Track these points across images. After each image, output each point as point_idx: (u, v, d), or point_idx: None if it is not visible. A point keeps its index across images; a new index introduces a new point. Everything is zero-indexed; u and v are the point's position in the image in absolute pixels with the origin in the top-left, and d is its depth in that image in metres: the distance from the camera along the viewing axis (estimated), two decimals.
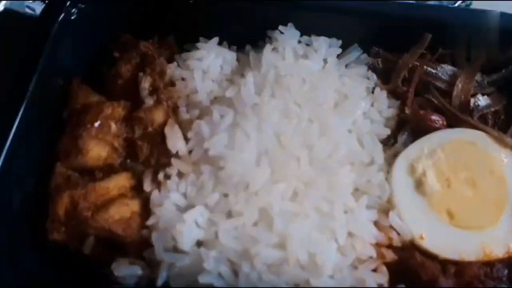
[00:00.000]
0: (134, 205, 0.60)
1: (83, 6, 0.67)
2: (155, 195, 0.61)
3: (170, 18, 0.74)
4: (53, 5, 0.66)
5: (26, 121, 0.58)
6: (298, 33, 0.71)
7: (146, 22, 0.74)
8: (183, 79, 0.69)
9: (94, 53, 0.71)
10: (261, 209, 0.59)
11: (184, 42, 0.75)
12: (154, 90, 0.68)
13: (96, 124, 0.61)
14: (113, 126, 0.63)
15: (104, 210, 0.58)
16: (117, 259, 0.59)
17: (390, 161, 0.66)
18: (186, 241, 0.58)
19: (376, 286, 0.57)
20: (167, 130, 0.64)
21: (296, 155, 0.62)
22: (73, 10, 0.66)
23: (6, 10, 0.72)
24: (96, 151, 0.61)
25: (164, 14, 0.74)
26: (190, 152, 0.64)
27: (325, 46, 0.71)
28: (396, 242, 0.60)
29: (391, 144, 0.68)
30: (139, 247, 0.60)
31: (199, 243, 0.59)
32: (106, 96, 0.69)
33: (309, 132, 0.63)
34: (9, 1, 0.72)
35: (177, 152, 0.63)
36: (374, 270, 0.59)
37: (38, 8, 0.78)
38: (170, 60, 0.72)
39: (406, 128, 0.68)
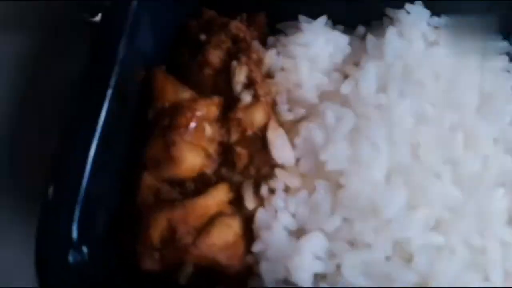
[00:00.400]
0: (236, 226, 0.49)
1: None
2: (261, 214, 0.50)
3: None
4: None
5: (109, 123, 0.46)
6: (427, 13, 0.57)
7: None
8: (283, 69, 0.57)
9: (172, 36, 0.58)
10: (396, 241, 0.48)
11: (275, 20, 0.62)
12: (249, 83, 0.55)
13: (191, 127, 0.50)
14: (208, 129, 0.51)
15: (206, 235, 0.47)
16: None
17: None
18: (304, 275, 0.47)
19: None
20: (271, 135, 0.52)
21: (437, 172, 0.49)
22: None
23: None
24: (191, 159, 0.50)
25: None
26: (296, 161, 0.52)
27: (457, 29, 0.57)
28: None
29: None
30: (242, 275, 0.49)
31: (316, 277, 0.49)
32: (190, 88, 0.56)
33: (452, 142, 0.50)
34: None
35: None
36: None
37: None
38: (261, 43, 0.59)
39: None
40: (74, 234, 0.42)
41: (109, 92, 0.47)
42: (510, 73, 0.57)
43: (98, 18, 0.67)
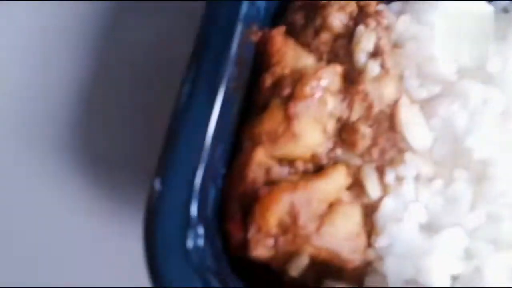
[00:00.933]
0: (357, 215, 0.43)
1: None
2: (387, 205, 0.43)
3: None
4: None
5: (229, 90, 0.40)
6: None
7: None
8: (415, 38, 0.48)
9: None
10: None
11: None
12: (376, 53, 0.47)
13: (315, 99, 0.43)
14: (330, 102, 0.44)
15: (330, 224, 0.41)
16: (328, 283, 0.43)
17: None
18: (439, 276, 0.41)
19: None
20: (404, 114, 0.45)
21: None
22: None
23: None
24: (309, 136, 0.43)
25: None
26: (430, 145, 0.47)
27: None
28: None
29: None
30: (360, 271, 0.43)
31: (452, 278, 0.44)
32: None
33: None
34: None
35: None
36: None
37: None
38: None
39: None
40: (194, 212, 0.37)
41: (232, 53, 0.41)
42: None
43: None
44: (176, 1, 0.62)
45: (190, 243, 0.36)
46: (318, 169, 0.47)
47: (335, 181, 0.44)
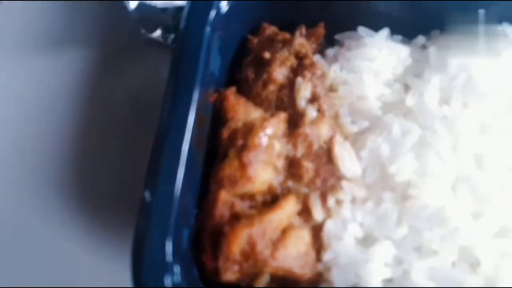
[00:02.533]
0: (306, 236, 0.53)
1: None
2: (329, 225, 0.53)
3: (314, 2, 0.62)
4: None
5: (193, 148, 0.49)
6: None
7: (289, 7, 0.63)
8: (346, 83, 0.58)
9: (236, 54, 0.61)
10: (461, 247, 0.51)
11: (332, 31, 0.64)
12: (314, 98, 0.58)
13: (263, 146, 0.52)
14: (277, 145, 0.54)
15: (283, 247, 0.50)
16: None
17: None
18: (374, 281, 0.51)
19: None
20: (337, 149, 0.55)
21: (501, 181, 0.52)
22: (223, 2, 0.55)
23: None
24: (262, 176, 0.53)
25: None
26: (362, 172, 0.55)
27: None
28: None
29: None
30: (313, 283, 0.53)
31: (384, 282, 0.52)
32: (254, 104, 0.58)
33: None
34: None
35: None
36: None
37: None
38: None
39: None
40: (169, 255, 0.45)
41: (191, 117, 0.50)
42: None
43: (156, 34, 0.70)
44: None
45: (168, 283, 0.45)
46: (274, 198, 0.57)
47: (287, 210, 0.54)
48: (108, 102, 0.71)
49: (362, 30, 0.60)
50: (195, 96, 0.50)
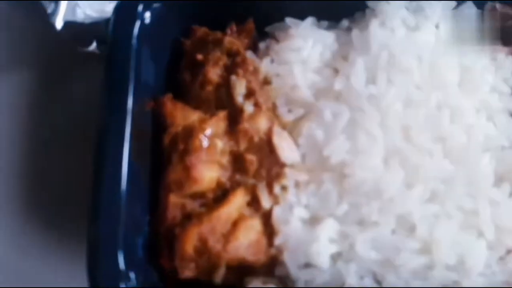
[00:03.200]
0: (257, 225, 0.55)
1: (156, 5, 0.56)
2: (277, 211, 0.56)
3: None
4: (124, 11, 0.55)
5: (134, 161, 0.51)
6: None
7: (217, 7, 0.64)
8: (278, 75, 0.61)
9: (170, 59, 0.62)
10: (398, 216, 0.54)
11: (263, 23, 0.65)
12: (249, 93, 0.60)
13: (205, 147, 0.54)
14: (219, 143, 0.57)
15: (234, 239, 0.53)
16: (248, 280, 0.55)
17: None
18: (322, 258, 0.54)
19: None
20: (275, 139, 0.57)
21: (428, 150, 0.55)
22: (147, 13, 0.56)
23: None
24: (208, 175, 0.55)
25: None
26: (302, 158, 0.58)
27: (437, 11, 0.60)
28: None
29: None
30: (268, 265, 0.56)
31: (333, 257, 0.55)
32: (194, 106, 0.60)
33: (439, 120, 0.56)
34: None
35: None
36: None
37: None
38: (253, 51, 0.63)
39: None
40: (122, 265, 0.48)
41: (128, 130, 0.52)
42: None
43: (92, 47, 0.70)
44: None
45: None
46: (225, 192, 0.59)
47: (235, 204, 0.56)
48: (53, 118, 0.70)
49: (289, 20, 0.62)
50: (129, 108, 0.52)
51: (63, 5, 0.65)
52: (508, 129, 0.57)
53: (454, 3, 0.61)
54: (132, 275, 0.49)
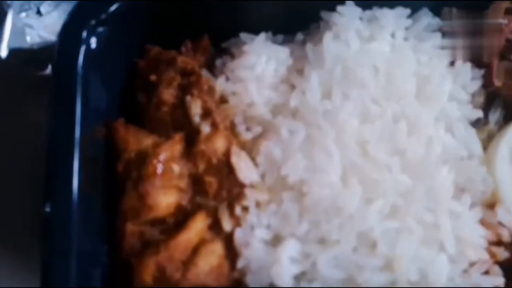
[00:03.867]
0: (218, 249, 0.54)
1: (101, 30, 0.53)
2: (238, 233, 0.54)
3: (198, 12, 0.60)
4: (68, 36, 0.52)
5: (85, 190, 0.49)
6: (358, 10, 0.58)
7: (171, 24, 0.61)
8: (234, 93, 0.58)
9: (124, 81, 0.59)
10: (359, 233, 0.53)
11: (219, 38, 0.63)
12: (206, 113, 0.57)
13: (159, 173, 0.52)
14: (175, 167, 0.55)
15: (193, 266, 0.52)
16: None
17: (485, 145, 0.58)
18: (285, 279, 0.52)
19: None
20: (234, 160, 0.55)
21: (386, 164, 0.54)
22: (92, 38, 0.53)
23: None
24: (165, 201, 0.53)
25: (190, 10, 0.61)
26: (262, 176, 0.56)
27: (392, 20, 0.58)
28: (507, 238, 0.54)
29: (482, 125, 0.59)
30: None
31: (296, 277, 0.54)
32: (151, 128, 0.58)
33: (396, 133, 0.54)
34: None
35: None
36: (486, 272, 0.55)
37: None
38: (210, 68, 0.61)
39: (497, 104, 0.59)
40: None
41: (76, 160, 0.49)
42: (444, 50, 0.59)
43: (48, 71, 0.67)
44: None
45: None
46: (186, 216, 0.56)
47: (195, 229, 0.54)
48: (5, 144, 0.68)
49: (243, 36, 0.60)
50: (77, 137, 0.49)
51: (6, 32, 0.62)
52: (467, 138, 0.56)
53: (408, 11, 0.59)
54: None
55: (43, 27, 0.63)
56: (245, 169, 0.55)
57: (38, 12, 0.67)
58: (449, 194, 0.54)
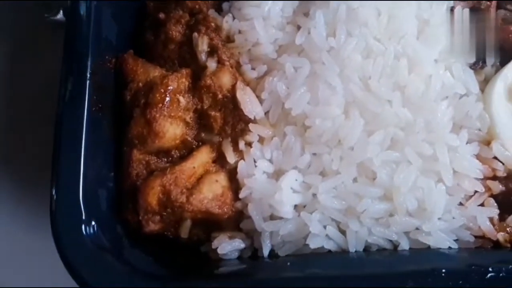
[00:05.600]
0: (222, 180, 0.53)
1: None
2: (241, 166, 0.54)
3: None
4: None
5: (94, 112, 0.49)
6: None
7: None
8: (240, 31, 0.58)
9: (134, 19, 0.59)
10: (359, 164, 0.53)
11: None
12: (212, 50, 0.57)
13: (166, 102, 0.52)
14: (182, 100, 0.54)
15: (198, 192, 0.51)
16: (215, 235, 0.53)
17: (482, 87, 0.57)
18: (286, 208, 0.52)
19: (487, 221, 0.51)
20: (239, 95, 0.55)
21: (387, 99, 0.53)
22: None
23: None
24: (171, 131, 0.53)
25: None
26: (266, 113, 0.56)
27: None
28: (501, 172, 0.54)
29: (480, 68, 0.58)
30: (235, 220, 0.54)
31: (297, 208, 0.53)
32: (158, 65, 0.57)
33: (398, 70, 0.54)
34: None
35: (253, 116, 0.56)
36: (482, 205, 0.54)
37: None
38: (217, 10, 0.60)
39: (492, 48, 0.58)
40: (82, 212, 0.45)
41: (87, 86, 0.49)
42: None
43: (59, 16, 0.67)
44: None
45: (85, 233, 0.45)
46: (190, 152, 0.56)
47: (200, 159, 0.54)
48: (24, 84, 0.67)
49: None
50: (89, 63, 0.49)
51: None
52: (465, 78, 0.55)
53: None
54: (93, 223, 0.46)
55: None
56: (250, 104, 0.54)
57: None
58: (447, 128, 0.53)
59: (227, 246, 0.52)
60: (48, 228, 0.47)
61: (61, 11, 0.67)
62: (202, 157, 0.53)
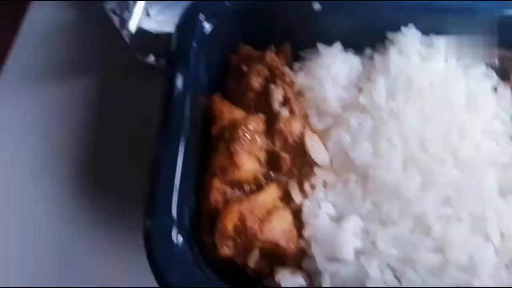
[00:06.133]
0: (288, 216, 0.54)
1: (216, 20, 0.60)
2: (307, 206, 0.55)
3: (283, 24, 0.66)
4: (187, 20, 0.59)
5: (187, 143, 0.52)
6: (418, 33, 0.63)
7: (260, 31, 0.68)
8: (310, 88, 0.62)
9: (220, 69, 0.64)
10: (415, 216, 0.53)
11: (297, 49, 0.68)
12: (285, 101, 0.60)
13: (246, 139, 0.55)
14: (259, 139, 0.57)
15: (268, 223, 0.52)
16: (278, 269, 0.54)
17: None
18: (347, 250, 0.52)
19: None
20: (307, 141, 0.57)
21: (441, 159, 0.55)
22: (207, 25, 0.59)
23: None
24: (248, 165, 0.55)
25: (277, 21, 0.67)
26: (330, 160, 0.58)
27: (445, 46, 0.63)
28: None
29: None
30: (297, 258, 0.54)
31: (357, 253, 0.53)
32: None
33: (450, 136, 0.56)
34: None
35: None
36: None
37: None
38: (289, 68, 0.66)
39: None
40: (175, 215, 0.49)
41: (186, 119, 0.53)
42: (488, 77, 0.64)
43: (150, 59, 0.72)
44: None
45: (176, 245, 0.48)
46: (259, 187, 0.58)
47: (270, 195, 0.55)
48: (112, 121, 0.73)
49: (320, 46, 0.64)
50: (188, 99, 0.54)
51: (138, 8, 0.66)
52: (509, 149, 0.58)
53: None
54: (180, 238, 0.48)
55: (153, 22, 0.68)
56: (317, 149, 0.56)
57: (147, 14, 0.74)
58: (494, 192, 0.54)
59: (290, 280, 0.52)
60: (134, 255, 0.51)
61: (151, 55, 0.72)
62: (272, 192, 0.55)
